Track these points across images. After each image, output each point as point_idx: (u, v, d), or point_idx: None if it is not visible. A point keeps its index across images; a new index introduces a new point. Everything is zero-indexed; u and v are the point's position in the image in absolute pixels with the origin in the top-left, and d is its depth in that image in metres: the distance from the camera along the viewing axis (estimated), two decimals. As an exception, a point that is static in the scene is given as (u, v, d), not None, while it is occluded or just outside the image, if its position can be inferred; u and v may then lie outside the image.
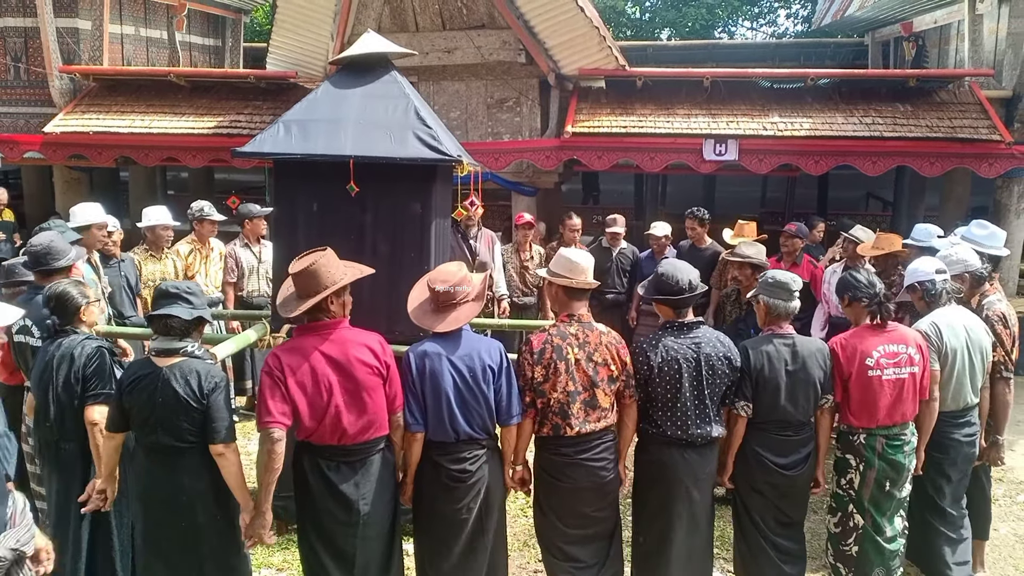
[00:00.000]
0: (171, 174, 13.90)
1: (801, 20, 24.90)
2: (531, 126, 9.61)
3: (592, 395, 3.95)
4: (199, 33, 13.95)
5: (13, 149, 10.35)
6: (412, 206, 4.81)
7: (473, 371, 3.81)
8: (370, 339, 3.77)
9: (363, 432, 3.68)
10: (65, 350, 4.02)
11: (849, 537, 4.46)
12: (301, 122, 4.75)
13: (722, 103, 9.47)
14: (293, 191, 4.89)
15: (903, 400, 4.27)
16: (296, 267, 3.68)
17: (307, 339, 3.68)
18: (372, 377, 3.67)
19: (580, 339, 3.97)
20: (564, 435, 3.94)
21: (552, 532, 4.17)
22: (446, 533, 3.93)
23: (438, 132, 4.72)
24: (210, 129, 9.76)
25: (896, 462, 4.30)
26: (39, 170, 11.82)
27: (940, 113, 9.09)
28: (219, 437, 3.62)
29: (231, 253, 7.35)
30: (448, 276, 3.92)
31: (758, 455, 4.25)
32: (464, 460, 3.85)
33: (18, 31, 10.97)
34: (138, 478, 3.78)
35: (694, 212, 7.94)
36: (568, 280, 4.02)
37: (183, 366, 3.63)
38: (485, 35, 9.31)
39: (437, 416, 3.80)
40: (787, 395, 4.17)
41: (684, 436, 4.04)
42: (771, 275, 4.34)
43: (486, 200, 5.82)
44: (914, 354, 4.27)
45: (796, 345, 4.23)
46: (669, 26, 24.33)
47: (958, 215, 9.81)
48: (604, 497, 4.11)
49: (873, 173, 8.88)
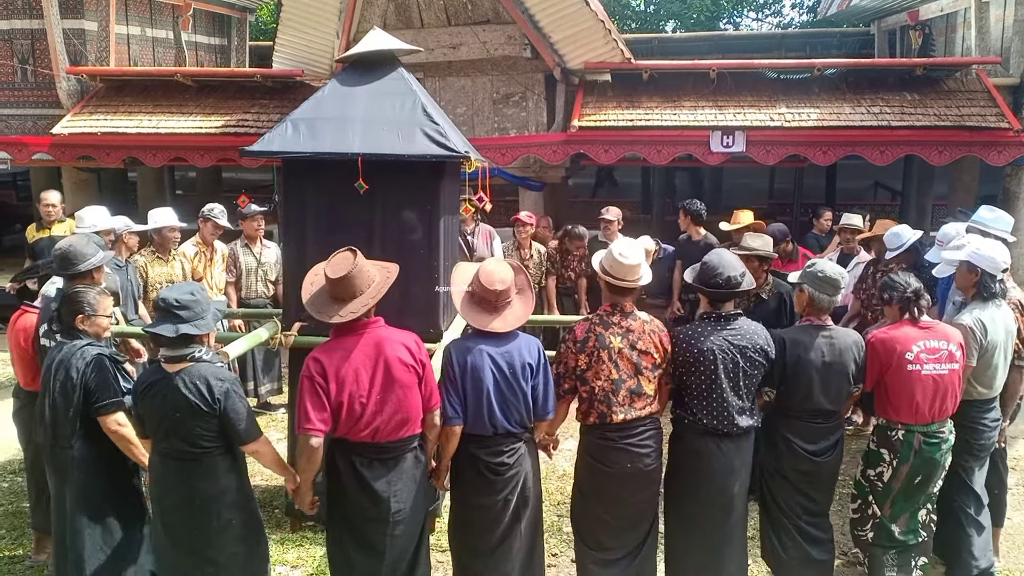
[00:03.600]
0: (179, 174, 13.95)
1: (806, 10, 24.79)
2: (537, 121, 9.61)
3: (637, 383, 3.99)
4: (205, 33, 13.97)
5: (22, 151, 10.40)
6: (420, 203, 4.82)
7: (513, 367, 3.85)
8: (407, 338, 3.80)
9: (398, 430, 3.71)
10: (64, 355, 4.02)
11: (866, 524, 4.53)
12: (309, 120, 4.77)
13: (729, 95, 9.44)
14: (302, 189, 4.90)
15: (943, 396, 4.28)
16: (334, 273, 3.68)
17: (346, 339, 3.69)
18: (409, 376, 3.70)
19: (623, 327, 4.01)
20: (610, 422, 3.99)
21: (589, 518, 4.21)
22: (483, 525, 3.98)
23: (445, 128, 4.73)
24: (217, 128, 9.79)
25: (932, 460, 4.31)
26: (48, 171, 11.86)
27: (948, 101, 9.06)
28: (248, 437, 3.68)
29: (230, 253, 7.36)
30: (504, 277, 3.94)
31: (788, 441, 4.28)
32: (502, 453, 3.90)
33: (25, 33, 11.00)
34: (155, 483, 3.80)
35: (686, 205, 7.91)
36: (614, 280, 4.05)
37: (191, 371, 3.64)
38: (490, 30, 9.31)
39: (476, 410, 3.84)
40: (821, 385, 4.19)
41: (719, 426, 4.06)
42: (820, 268, 4.33)
43: (493, 196, 5.82)
44: (955, 351, 4.28)
45: (834, 337, 4.25)
46: (674, 18, 24.24)
47: (967, 203, 9.79)
48: (647, 486, 4.14)
49: (881, 163, 8.86)
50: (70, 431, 4.00)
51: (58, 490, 4.14)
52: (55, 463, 4.10)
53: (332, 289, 3.72)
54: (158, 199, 11.93)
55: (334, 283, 3.69)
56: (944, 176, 10.60)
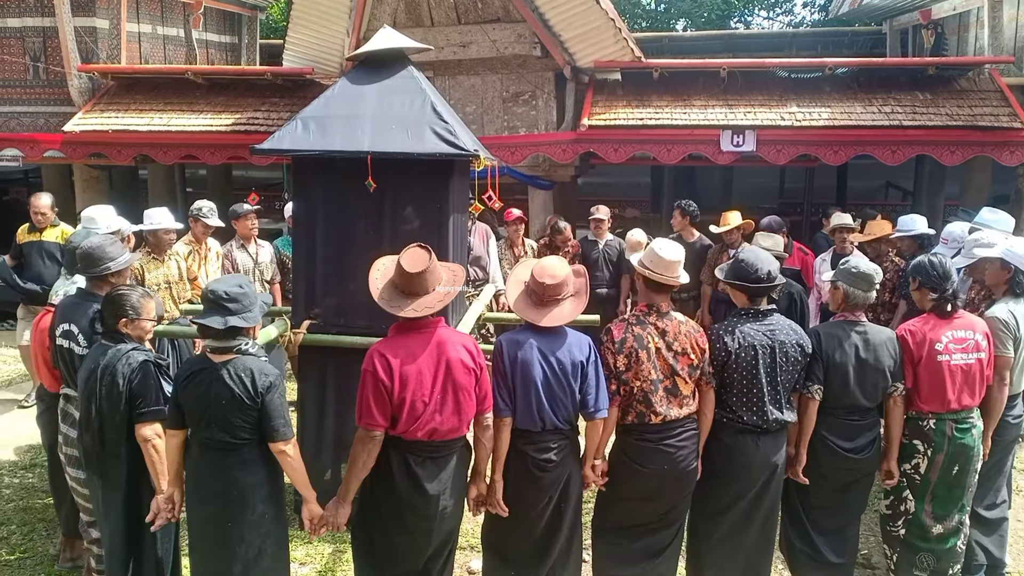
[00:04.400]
0: (189, 172, 13.99)
1: (818, 9, 24.71)
2: (547, 119, 9.60)
3: (673, 383, 3.98)
4: (215, 30, 14.03)
5: (33, 148, 10.46)
6: (430, 201, 4.83)
7: (563, 364, 3.85)
8: (466, 339, 3.82)
9: (453, 430, 3.72)
10: (110, 360, 3.93)
11: (898, 520, 4.49)
12: (319, 118, 4.77)
13: (739, 94, 9.42)
14: (312, 187, 4.91)
15: (971, 385, 4.30)
16: (412, 268, 3.67)
17: (410, 337, 3.69)
18: (468, 378, 3.70)
19: (660, 328, 4.00)
20: (649, 422, 3.98)
21: (617, 516, 4.20)
22: (524, 521, 3.97)
23: (455, 127, 4.73)
24: (228, 126, 9.81)
25: (965, 445, 4.31)
26: (59, 169, 11.92)
27: (960, 101, 9.02)
28: (278, 436, 3.65)
29: (227, 254, 7.22)
30: (555, 272, 3.95)
31: (825, 440, 4.27)
32: (550, 449, 3.90)
33: (37, 31, 11.06)
34: (192, 473, 3.78)
35: (683, 205, 7.87)
36: (654, 274, 4.03)
37: (236, 363, 3.63)
38: (500, 29, 9.31)
39: (525, 405, 3.85)
40: (856, 381, 4.19)
41: (760, 422, 4.06)
42: (854, 264, 4.34)
43: (501, 195, 5.82)
44: (981, 340, 4.32)
45: (868, 333, 4.25)
46: (685, 17, 24.20)
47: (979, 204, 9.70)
48: (683, 487, 4.13)
49: (893, 163, 8.82)
50: (118, 437, 3.94)
51: (106, 495, 4.06)
52: (103, 469, 4.02)
53: (404, 284, 3.70)
54: (168, 197, 11.98)
55: (409, 277, 3.67)
56: (956, 176, 10.55)
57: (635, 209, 14.09)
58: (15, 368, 8.90)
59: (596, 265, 7.91)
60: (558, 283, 3.90)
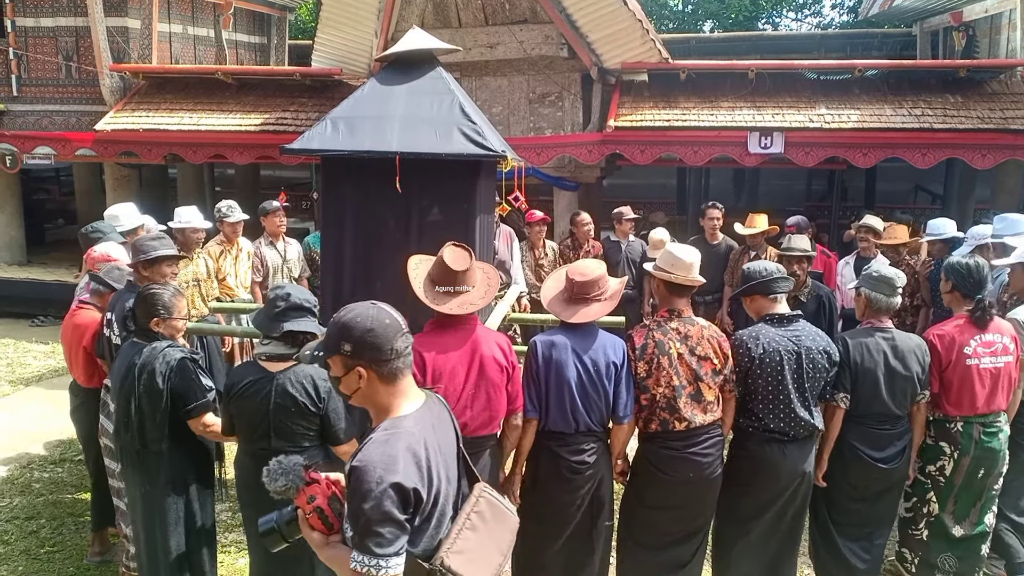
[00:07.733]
0: (218, 171, 14.12)
1: (847, 10, 24.51)
2: (573, 120, 9.60)
3: (696, 389, 3.93)
4: (245, 31, 14.16)
5: (65, 146, 10.60)
6: (457, 201, 4.83)
7: (597, 365, 3.85)
8: (500, 338, 3.85)
9: (483, 427, 3.74)
10: (147, 359, 3.93)
11: (920, 523, 4.46)
12: (348, 119, 4.79)
13: (767, 95, 9.37)
14: (340, 187, 4.93)
15: (999, 388, 4.28)
16: (457, 265, 3.72)
17: (444, 333, 3.72)
18: (501, 376, 3.73)
19: (681, 333, 3.96)
20: (672, 430, 3.93)
21: (641, 525, 4.15)
22: (557, 522, 3.96)
23: (482, 128, 4.73)
24: (257, 126, 9.89)
25: (992, 449, 4.29)
26: (90, 167, 12.08)
27: (991, 104, 8.92)
28: (344, 438, 3.68)
29: (256, 252, 7.28)
30: (587, 271, 3.97)
31: (855, 449, 4.22)
32: (583, 451, 3.89)
33: (70, 31, 11.22)
34: (245, 485, 3.73)
35: (715, 203, 7.77)
36: (670, 275, 4.01)
37: (297, 371, 3.63)
38: (527, 30, 9.32)
39: (559, 405, 3.85)
40: (886, 388, 4.14)
41: (787, 429, 4.01)
42: (875, 269, 4.33)
43: (527, 195, 5.83)
44: (1008, 344, 4.30)
45: (896, 339, 4.21)
46: (712, 18, 24.09)
47: (1010, 208, 9.60)
48: (708, 495, 4.08)
49: (923, 166, 8.74)
50: (159, 435, 3.94)
51: (146, 491, 4.05)
52: (144, 465, 4.02)
53: (445, 280, 3.73)
54: (197, 195, 12.11)
55: (453, 274, 3.70)
56: (986, 180, 10.43)
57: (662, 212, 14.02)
58: (45, 364, 9.03)
59: (619, 267, 7.88)
60: (588, 281, 3.91)
